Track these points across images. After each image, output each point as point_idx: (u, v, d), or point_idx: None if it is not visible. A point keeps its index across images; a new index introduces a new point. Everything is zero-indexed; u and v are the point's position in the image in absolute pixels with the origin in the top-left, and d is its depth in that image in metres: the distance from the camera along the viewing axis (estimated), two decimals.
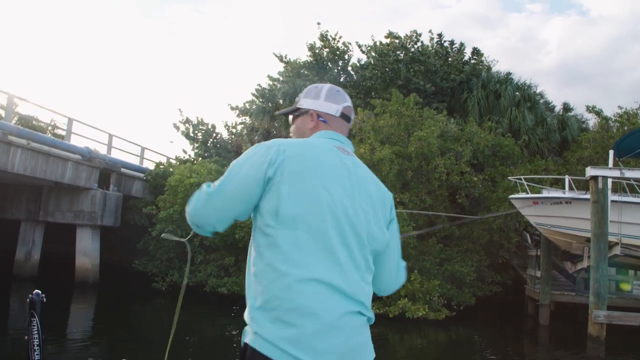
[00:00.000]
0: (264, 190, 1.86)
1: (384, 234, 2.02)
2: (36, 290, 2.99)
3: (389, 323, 12.95)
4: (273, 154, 1.87)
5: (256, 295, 1.79)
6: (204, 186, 2.00)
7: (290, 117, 2.27)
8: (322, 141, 2.04)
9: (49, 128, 24.18)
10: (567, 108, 25.73)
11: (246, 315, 1.81)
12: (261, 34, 79.35)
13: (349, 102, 2.22)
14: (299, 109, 2.22)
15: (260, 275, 1.80)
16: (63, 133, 19.08)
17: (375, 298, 13.54)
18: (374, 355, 1.88)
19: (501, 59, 68.79)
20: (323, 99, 2.19)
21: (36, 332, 2.94)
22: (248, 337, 1.75)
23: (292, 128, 2.27)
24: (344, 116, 2.19)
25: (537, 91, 24.48)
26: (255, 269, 1.83)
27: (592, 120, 23.50)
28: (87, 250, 17.15)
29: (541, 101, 24.24)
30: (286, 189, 1.81)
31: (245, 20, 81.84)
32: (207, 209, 1.97)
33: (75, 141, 17.57)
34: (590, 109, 21.01)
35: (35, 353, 2.92)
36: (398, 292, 13.47)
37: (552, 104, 25.88)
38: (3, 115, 16.04)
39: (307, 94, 2.24)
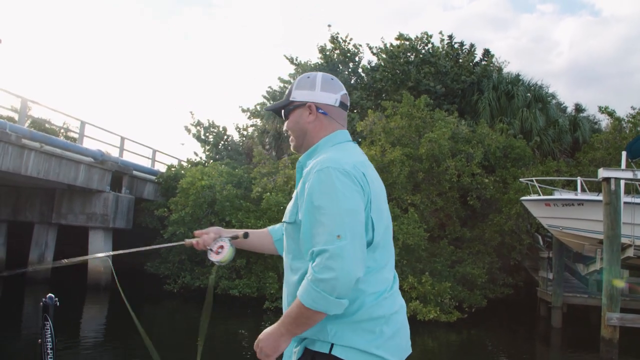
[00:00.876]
0: None
1: None
2: (49, 294, 3.01)
3: None
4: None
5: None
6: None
7: (282, 112, 2.13)
8: (358, 152, 2.03)
9: (62, 131, 24.41)
10: (579, 109, 25.54)
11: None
12: (272, 37, 79.60)
13: (344, 90, 2.14)
14: (292, 102, 2.09)
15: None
16: (75, 136, 19.24)
17: None
18: None
19: (512, 60, 68.69)
20: (319, 88, 2.07)
21: (49, 335, 2.95)
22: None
23: (288, 124, 2.12)
24: (343, 105, 2.11)
25: (549, 92, 24.35)
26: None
27: (604, 121, 23.35)
28: (99, 253, 17.24)
29: (553, 102, 24.09)
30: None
31: (257, 23, 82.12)
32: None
33: (88, 144, 17.76)
34: (603, 110, 20.82)
35: (49, 357, 2.93)
36: (409, 294, 13.46)
37: (564, 105, 25.71)
38: (16, 118, 16.20)
39: (300, 85, 2.10)
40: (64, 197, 17.45)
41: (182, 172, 19.75)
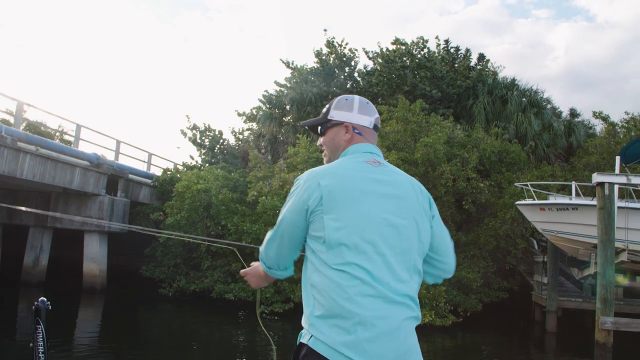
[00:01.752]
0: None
1: (427, 235, 2.16)
2: (42, 298, 3.01)
3: None
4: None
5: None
6: None
7: (319, 128, 2.35)
8: (355, 163, 2.17)
9: (57, 134, 24.36)
10: (574, 114, 25.66)
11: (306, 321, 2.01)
12: (268, 41, 79.67)
13: (377, 114, 2.35)
14: (329, 120, 2.30)
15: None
16: (71, 139, 19.21)
17: None
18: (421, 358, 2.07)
19: (508, 65, 68.99)
20: (357, 111, 2.28)
21: (41, 339, 2.95)
22: (305, 339, 1.95)
23: (324, 140, 2.34)
24: (375, 127, 2.33)
25: (544, 97, 24.49)
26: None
27: (599, 126, 23.46)
28: (94, 256, 17.23)
29: (548, 107, 24.21)
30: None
31: (254, 27, 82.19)
32: None
33: (83, 147, 17.72)
34: (597, 115, 20.94)
35: None
36: None
37: (558, 110, 25.84)
38: (12, 121, 16.17)
39: (339, 105, 2.30)
40: (60, 200, 17.42)
41: (178, 175, 19.76)
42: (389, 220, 2.04)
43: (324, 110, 2.35)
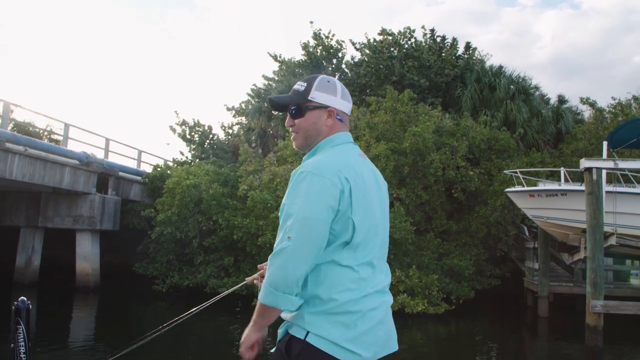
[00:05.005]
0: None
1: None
2: (22, 298, 3.00)
3: None
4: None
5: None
6: None
7: (293, 107, 2.14)
8: (353, 153, 2.12)
9: (45, 134, 24.23)
10: (562, 100, 25.73)
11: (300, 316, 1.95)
12: (256, 34, 79.36)
13: (351, 99, 2.29)
14: (310, 101, 2.12)
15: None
16: (60, 138, 19.13)
17: None
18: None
19: (497, 54, 69.06)
20: (340, 96, 2.15)
21: (22, 339, 2.94)
22: (299, 334, 1.93)
23: (301, 122, 2.14)
24: (350, 113, 2.27)
25: (532, 84, 24.54)
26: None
27: (586, 112, 23.56)
28: (87, 255, 17.20)
29: (536, 94, 24.28)
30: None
31: (240, 21, 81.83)
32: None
33: (72, 146, 17.63)
34: (585, 101, 21.05)
35: None
36: (397, 287, 13.55)
37: (547, 97, 25.91)
38: None
39: (322, 87, 2.13)
40: (50, 200, 17.34)
41: (168, 172, 19.73)
42: (382, 216, 2.11)
43: (299, 88, 2.15)
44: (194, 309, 2.79)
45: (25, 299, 3.01)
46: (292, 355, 1.91)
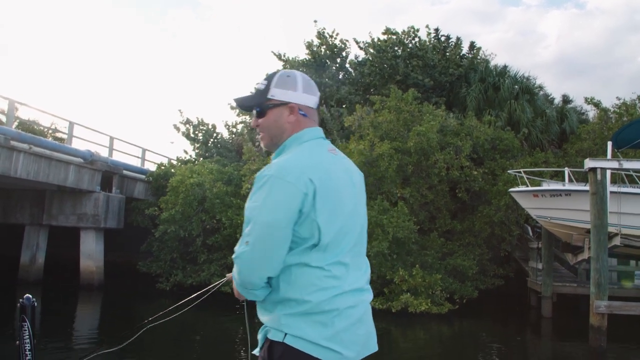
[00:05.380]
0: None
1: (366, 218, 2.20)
2: (27, 295, 3.01)
3: (392, 318, 13.03)
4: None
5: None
6: None
7: (256, 108, 2.11)
8: (321, 150, 2.05)
9: (50, 132, 24.27)
10: (566, 100, 25.67)
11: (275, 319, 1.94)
12: (259, 33, 79.37)
13: (318, 92, 2.18)
14: (270, 99, 2.07)
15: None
16: (64, 136, 19.18)
17: (378, 294, 13.44)
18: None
19: (501, 53, 68.63)
20: (301, 90, 2.07)
21: (27, 336, 2.95)
22: (278, 337, 1.90)
23: (263, 122, 2.10)
24: (318, 107, 2.16)
25: (537, 84, 24.49)
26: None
27: (591, 112, 23.46)
28: (91, 253, 17.25)
29: (540, 93, 24.23)
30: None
31: (244, 20, 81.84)
32: None
33: (77, 144, 17.73)
34: (589, 101, 20.99)
35: (27, 358, 2.94)
36: (400, 286, 13.55)
37: (551, 97, 25.84)
38: (4, 120, 16.12)
39: (281, 83, 2.07)
40: (54, 198, 17.40)
41: (172, 170, 19.77)
42: (356, 213, 2.05)
43: (260, 87, 2.10)
44: (181, 301, 2.83)
45: (30, 296, 3.02)
46: (274, 359, 1.89)
